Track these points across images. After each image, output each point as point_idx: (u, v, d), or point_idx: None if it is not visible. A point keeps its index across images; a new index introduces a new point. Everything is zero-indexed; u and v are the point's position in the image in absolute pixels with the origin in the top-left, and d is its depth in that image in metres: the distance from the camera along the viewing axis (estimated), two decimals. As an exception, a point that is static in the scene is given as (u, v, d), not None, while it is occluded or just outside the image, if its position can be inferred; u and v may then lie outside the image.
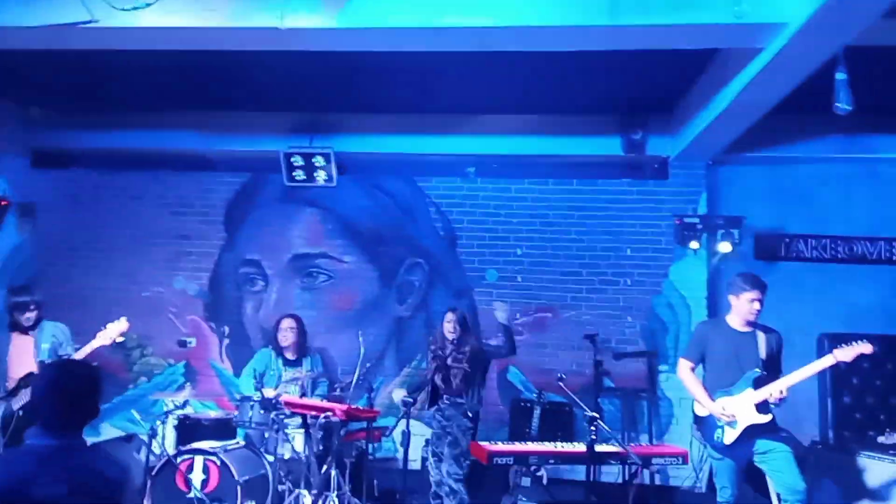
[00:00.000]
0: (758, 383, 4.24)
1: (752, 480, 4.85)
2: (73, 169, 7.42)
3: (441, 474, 5.08)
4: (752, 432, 4.24)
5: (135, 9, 3.97)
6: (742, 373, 4.28)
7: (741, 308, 4.34)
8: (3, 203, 7.07)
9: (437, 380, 5.21)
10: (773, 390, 4.18)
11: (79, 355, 4.60)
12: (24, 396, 4.43)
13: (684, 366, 4.54)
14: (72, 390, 2.27)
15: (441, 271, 7.05)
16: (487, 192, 7.07)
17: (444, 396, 5.19)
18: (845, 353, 4.17)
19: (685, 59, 4.91)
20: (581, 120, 6.66)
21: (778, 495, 4.33)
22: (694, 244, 6.45)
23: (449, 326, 5.26)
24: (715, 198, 6.84)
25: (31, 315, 4.73)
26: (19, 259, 7.33)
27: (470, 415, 5.15)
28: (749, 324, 4.36)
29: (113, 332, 4.72)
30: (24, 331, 4.73)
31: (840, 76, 3.87)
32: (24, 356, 4.62)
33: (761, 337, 4.33)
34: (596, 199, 6.93)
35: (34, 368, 4.57)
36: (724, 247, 6.37)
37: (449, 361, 5.18)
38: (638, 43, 4.36)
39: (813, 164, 6.75)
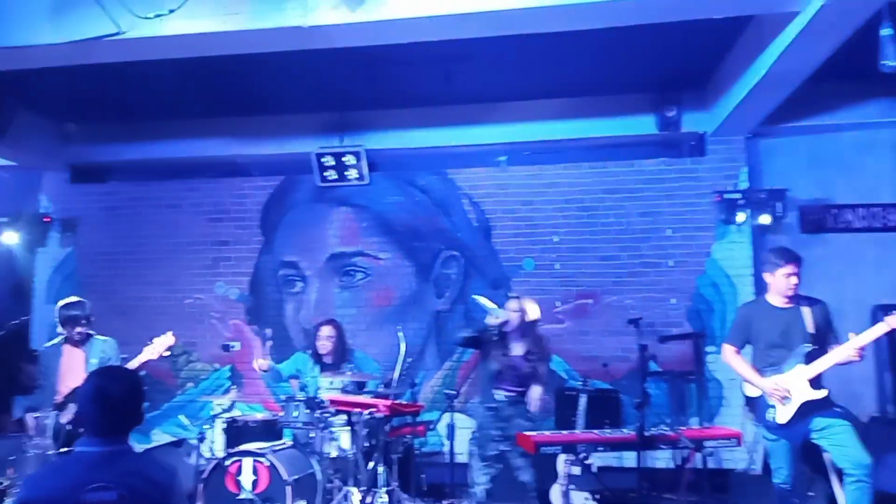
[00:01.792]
0: (809, 358, 4.09)
1: (809, 459, 4.70)
2: (111, 182, 7.61)
3: (486, 479, 5.01)
4: (807, 409, 4.10)
5: (158, 16, 4.00)
6: (791, 350, 4.15)
7: (778, 285, 4.20)
8: (45, 220, 7.27)
9: (490, 370, 5.11)
10: (842, 355, 4.01)
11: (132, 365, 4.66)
12: (72, 410, 4.51)
13: (729, 350, 4.43)
14: (114, 396, 2.28)
15: (477, 263, 7.00)
16: (520, 180, 6.99)
17: (500, 391, 5.06)
18: None
19: (717, 29, 4.75)
20: (612, 100, 6.54)
21: (840, 471, 4.17)
22: (741, 216, 6.27)
23: (510, 313, 5.10)
24: (756, 172, 6.65)
25: (81, 329, 4.80)
26: (64, 273, 7.53)
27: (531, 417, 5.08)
28: (790, 299, 4.21)
29: (160, 346, 4.76)
30: (76, 344, 4.81)
31: (886, 32, 3.69)
32: (75, 370, 4.70)
33: (806, 311, 4.18)
34: (632, 180, 6.79)
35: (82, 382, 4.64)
36: (769, 216, 6.17)
37: (511, 353, 5.05)
38: (666, 14, 4.23)
39: (857, 131, 6.51)
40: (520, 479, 5.03)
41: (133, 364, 4.67)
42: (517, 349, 5.10)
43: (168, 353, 4.84)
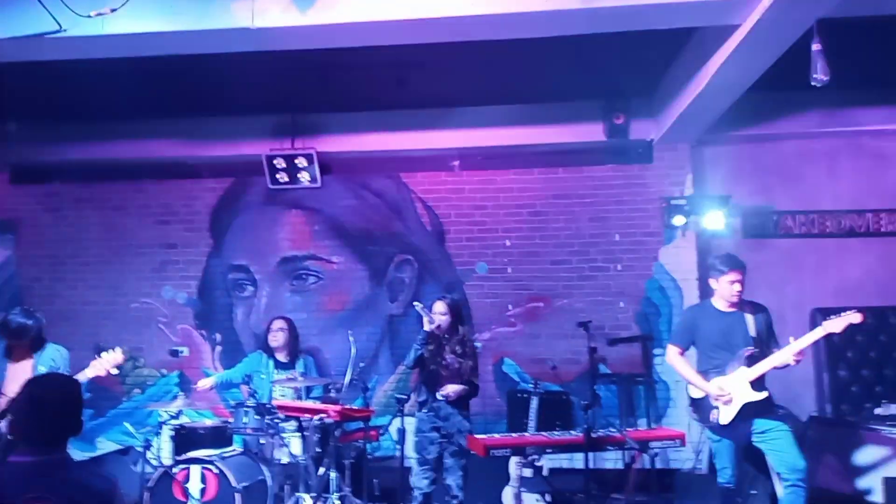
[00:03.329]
0: (750, 361, 4.23)
1: (753, 460, 4.85)
2: (54, 183, 7.34)
3: (426, 483, 4.92)
4: (748, 410, 4.23)
5: (100, 15, 3.90)
6: (733, 353, 4.28)
7: (723, 290, 4.34)
8: (-16, 221, 7.02)
9: (428, 375, 5.04)
10: (782, 359, 4.15)
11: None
12: (8, 420, 4.36)
13: (673, 351, 4.54)
14: (49, 405, 2.23)
15: (431, 267, 7.01)
16: (473, 184, 7.03)
17: (437, 394, 4.96)
18: (835, 324, 4.16)
19: (663, 39, 4.88)
20: (563, 107, 6.63)
21: (778, 474, 4.32)
22: (679, 219, 6.44)
23: (438, 316, 5.00)
24: (701, 178, 6.83)
25: (26, 344, 4.65)
26: (3, 277, 7.27)
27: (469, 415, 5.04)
28: (734, 304, 4.34)
29: (108, 362, 4.58)
30: (22, 355, 4.65)
31: (816, 47, 3.85)
32: (21, 378, 4.55)
33: (749, 315, 4.32)
34: (582, 185, 6.90)
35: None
36: (713, 221, 6.33)
37: (445, 354, 4.99)
38: (612, 25, 4.33)
39: (797, 140, 6.75)
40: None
41: (79, 378, 4.51)
42: (448, 350, 5.04)
43: (117, 371, 4.68)
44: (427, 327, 4.93)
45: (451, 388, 4.87)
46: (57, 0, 3.98)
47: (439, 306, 5.08)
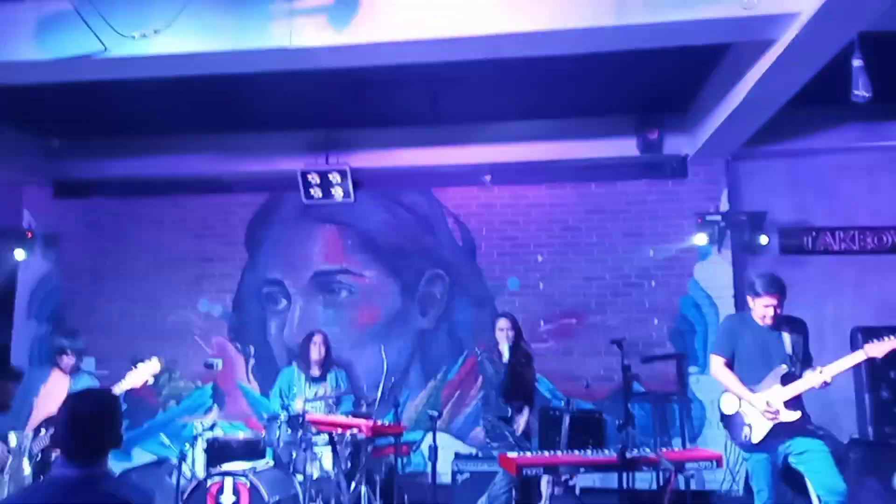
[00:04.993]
0: (785, 380, 4.14)
1: (791, 481, 4.73)
2: (94, 198, 7.55)
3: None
4: (780, 430, 4.13)
5: (143, 36, 4.01)
6: (769, 369, 4.19)
7: (757, 311, 4.27)
8: (28, 234, 7.22)
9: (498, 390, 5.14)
10: (813, 381, 4.07)
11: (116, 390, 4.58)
12: (44, 440, 4.47)
13: (717, 362, 4.43)
14: (90, 419, 2.27)
15: (461, 282, 7.02)
16: (505, 199, 7.03)
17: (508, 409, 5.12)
18: (877, 349, 4.05)
19: (698, 55, 4.84)
20: (596, 122, 6.61)
21: (818, 497, 4.20)
22: (700, 238, 6.38)
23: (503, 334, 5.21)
24: (736, 194, 6.74)
25: (69, 361, 4.78)
26: (46, 289, 7.47)
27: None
28: (772, 319, 4.27)
29: (144, 373, 4.68)
30: (63, 371, 4.79)
31: (857, 63, 3.78)
32: (56, 397, 4.66)
33: (786, 333, 4.24)
34: (615, 200, 6.87)
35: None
36: (749, 237, 6.28)
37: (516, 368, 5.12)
38: (647, 41, 4.31)
39: (834, 155, 6.64)
40: None
41: (116, 391, 4.60)
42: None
43: (152, 381, 4.78)
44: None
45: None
46: (102, 22, 4.09)
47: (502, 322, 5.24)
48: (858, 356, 4.08)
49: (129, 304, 7.32)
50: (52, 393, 4.68)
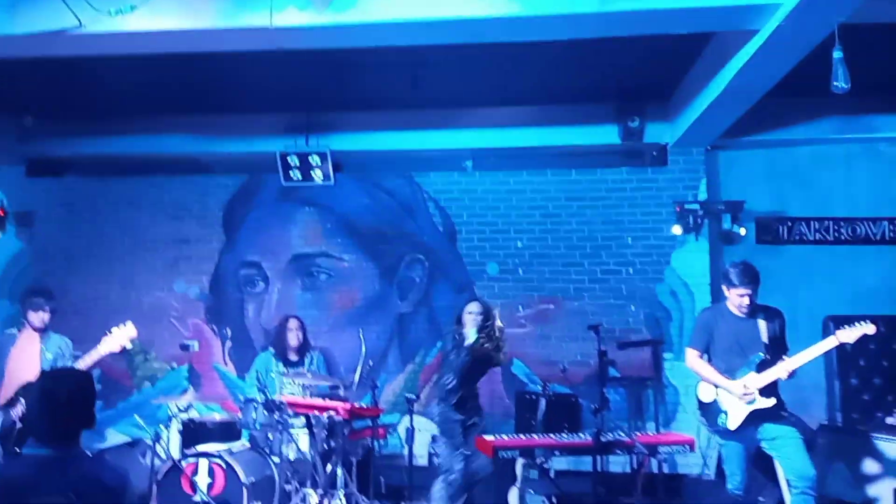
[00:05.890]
0: (761, 367, 4.22)
1: (762, 466, 4.83)
2: (69, 177, 7.42)
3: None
4: (756, 416, 4.22)
5: (119, 12, 3.93)
6: (745, 357, 4.27)
7: (732, 301, 4.34)
8: (0, 213, 7.08)
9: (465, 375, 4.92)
10: (778, 373, 4.17)
11: (84, 363, 4.50)
12: (22, 406, 4.40)
13: (692, 355, 4.51)
14: (62, 400, 2.25)
15: (441, 266, 7.02)
16: (485, 185, 7.03)
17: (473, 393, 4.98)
18: (848, 335, 4.14)
19: (680, 43, 4.86)
20: (577, 109, 6.61)
21: (787, 481, 4.30)
22: (676, 229, 6.47)
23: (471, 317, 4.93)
24: (715, 183, 6.80)
25: (44, 316, 4.69)
26: (18, 268, 7.34)
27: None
28: (748, 308, 4.33)
29: (120, 337, 4.57)
30: (35, 330, 4.68)
31: (837, 54, 3.81)
32: (28, 362, 4.58)
33: (762, 321, 4.31)
34: (595, 188, 6.89)
35: (34, 377, 4.54)
36: (726, 226, 6.38)
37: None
38: (629, 29, 4.32)
39: (812, 146, 6.71)
40: None
41: (92, 356, 4.51)
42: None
43: (130, 345, 4.66)
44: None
45: None
46: (77, -4, 4.01)
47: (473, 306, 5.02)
48: (830, 342, 4.18)
49: (104, 285, 7.22)
50: (25, 352, 4.60)
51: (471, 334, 4.81)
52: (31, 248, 7.35)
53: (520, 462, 5.00)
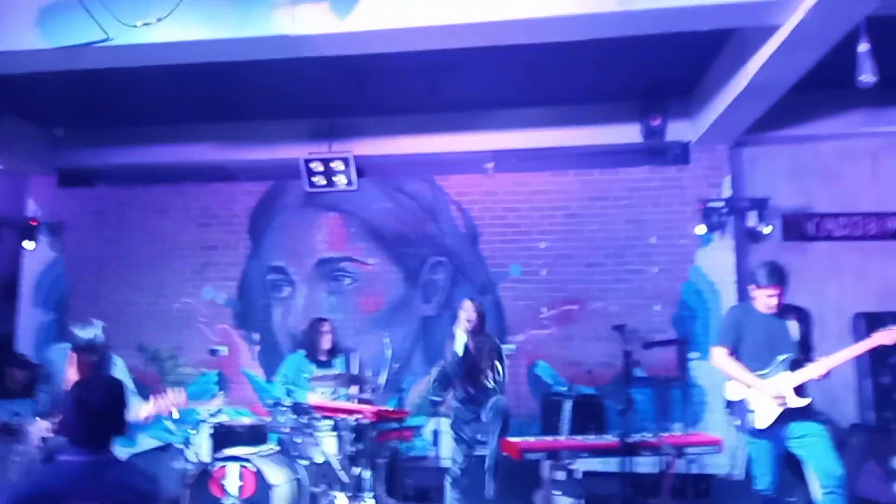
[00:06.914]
0: (794, 366, 4.16)
1: (792, 466, 4.76)
2: (99, 186, 7.59)
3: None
4: (787, 416, 4.16)
5: (146, 25, 4.01)
6: (774, 356, 4.21)
7: (760, 301, 4.28)
8: (32, 223, 7.25)
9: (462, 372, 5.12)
10: (813, 372, 4.09)
11: (135, 415, 4.50)
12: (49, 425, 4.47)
13: (720, 353, 4.44)
14: (95, 406, 2.30)
15: (464, 269, 7.04)
16: (507, 186, 7.04)
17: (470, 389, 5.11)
18: (886, 337, 4.05)
19: (701, 40, 4.82)
20: (598, 109, 6.59)
21: (817, 481, 4.23)
22: (700, 227, 6.40)
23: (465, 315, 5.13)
24: (739, 180, 6.73)
25: (94, 358, 4.73)
26: (51, 277, 7.52)
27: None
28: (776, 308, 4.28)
29: (170, 401, 4.59)
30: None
31: (863, 48, 3.75)
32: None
33: (791, 320, 4.26)
34: (618, 187, 6.86)
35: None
36: (751, 224, 6.30)
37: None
38: (650, 27, 4.29)
39: (837, 140, 6.60)
40: None
41: (141, 414, 4.50)
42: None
43: (177, 414, 4.72)
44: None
45: None
46: (104, 10, 4.09)
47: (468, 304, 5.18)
48: (868, 343, 4.09)
49: (135, 293, 7.37)
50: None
51: (459, 335, 4.92)
52: (63, 258, 7.52)
53: (545, 464, 4.99)
